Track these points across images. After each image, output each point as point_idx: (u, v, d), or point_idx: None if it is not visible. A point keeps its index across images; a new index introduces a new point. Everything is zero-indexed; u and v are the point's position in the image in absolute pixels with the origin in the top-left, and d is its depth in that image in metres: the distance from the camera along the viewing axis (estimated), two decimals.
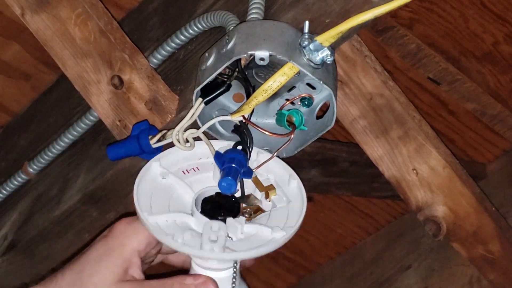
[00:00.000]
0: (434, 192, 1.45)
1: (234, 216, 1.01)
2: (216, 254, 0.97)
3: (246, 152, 1.03)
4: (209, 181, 1.05)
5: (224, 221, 1.00)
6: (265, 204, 1.03)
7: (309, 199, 1.04)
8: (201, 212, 1.01)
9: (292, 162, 1.08)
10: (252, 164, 1.05)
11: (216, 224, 0.99)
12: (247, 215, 1.01)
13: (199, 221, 1.00)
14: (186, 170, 1.07)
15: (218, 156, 1.02)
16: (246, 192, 1.04)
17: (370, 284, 1.95)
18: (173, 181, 1.05)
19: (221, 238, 0.97)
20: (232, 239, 1.00)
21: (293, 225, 1.00)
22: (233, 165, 1.00)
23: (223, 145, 1.06)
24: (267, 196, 1.03)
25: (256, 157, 1.07)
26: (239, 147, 1.04)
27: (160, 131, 1.12)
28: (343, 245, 2.05)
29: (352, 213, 1.97)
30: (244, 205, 1.03)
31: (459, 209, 1.47)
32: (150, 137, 1.12)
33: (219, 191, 1.02)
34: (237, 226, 0.99)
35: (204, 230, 0.98)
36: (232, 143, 1.06)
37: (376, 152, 1.42)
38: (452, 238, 1.49)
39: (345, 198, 1.94)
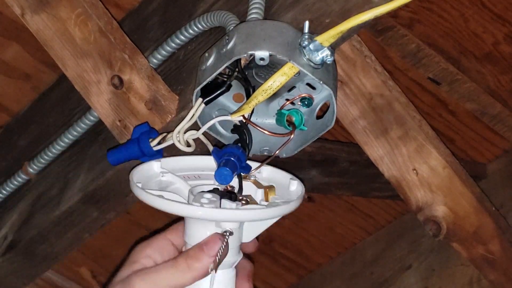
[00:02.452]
0: (434, 192, 1.45)
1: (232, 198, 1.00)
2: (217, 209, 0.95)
3: (245, 149, 1.03)
4: (210, 188, 1.05)
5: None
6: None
7: (309, 199, 1.04)
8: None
9: (292, 162, 1.08)
10: (253, 173, 1.05)
11: (209, 194, 0.97)
12: (243, 202, 1.00)
13: None
14: (187, 176, 1.06)
15: (216, 151, 1.02)
16: (245, 193, 1.03)
17: (370, 284, 1.95)
18: (171, 179, 1.04)
19: (215, 200, 0.95)
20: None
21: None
22: (232, 158, 0.99)
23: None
24: (266, 197, 1.03)
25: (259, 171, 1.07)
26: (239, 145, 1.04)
27: (161, 133, 1.12)
28: (343, 245, 2.05)
29: (352, 213, 1.97)
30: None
31: (459, 209, 1.47)
32: (150, 139, 1.11)
33: (217, 187, 1.01)
34: (232, 204, 0.98)
35: (196, 195, 0.96)
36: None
37: (376, 152, 1.42)
38: (452, 238, 1.49)
39: (345, 198, 1.94)
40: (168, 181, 1.04)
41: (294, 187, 1.05)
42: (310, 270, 2.11)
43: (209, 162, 1.06)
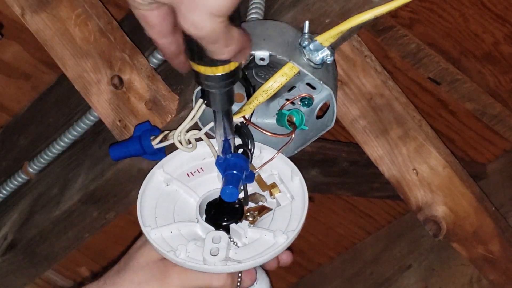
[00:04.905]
0: (434, 192, 1.45)
1: (238, 221, 1.01)
2: (218, 268, 0.97)
3: (247, 155, 1.03)
4: (214, 182, 1.05)
5: (228, 228, 1.00)
6: (269, 201, 1.04)
7: (309, 199, 1.04)
8: (205, 219, 1.01)
9: (292, 162, 1.08)
10: (255, 160, 1.05)
11: (217, 235, 0.99)
12: (250, 218, 1.02)
13: (204, 228, 1.01)
14: (191, 172, 1.07)
15: (219, 161, 1.02)
16: (251, 191, 1.04)
17: (370, 284, 1.95)
18: (177, 187, 1.05)
19: (222, 250, 0.97)
20: (236, 244, 1.00)
21: (294, 229, 1.01)
22: (235, 172, 0.99)
23: None
24: (271, 194, 1.04)
25: (260, 152, 1.07)
26: (241, 150, 1.04)
27: (162, 131, 1.12)
28: (343, 245, 2.05)
29: (352, 213, 1.97)
30: (249, 203, 1.03)
31: (459, 209, 1.47)
32: (152, 137, 1.11)
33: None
34: (240, 232, 1.00)
35: (205, 243, 0.98)
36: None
37: (376, 152, 1.42)
38: (452, 238, 1.49)
39: (345, 198, 1.94)
40: (174, 191, 1.05)
41: (297, 181, 1.05)
42: (310, 270, 2.11)
43: (206, 146, 1.06)
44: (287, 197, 1.04)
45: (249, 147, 1.03)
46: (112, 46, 1.24)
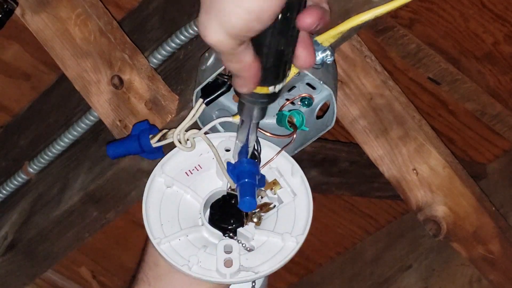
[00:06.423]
0: (434, 192, 1.45)
1: (243, 223, 1.01)
2: (233, 280, 0.97)
3: (255, 157, 1.02)
4: (214, 180, 1.05)
5: (235, 231, 1.00)
6: (271, 197, 1.04)
7: None
8: (210, 223, 1.01)
9: None
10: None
11: (228, 243, 0.99)
12: (255, 220, 1.01)
13: (210, 232, 1.01)
14: (189, 170, 1.06)
15: (230, 168, 1.01)
16: None
17: (370, 284, 1.95)
18: (178, 188, 1.05)
19: (235, 261, 0.97)
20: (245, 246, 1.00)
21: (302, 233, 1.01)
22: (249, 180, 0.99)
23: (223, 138, 1.06)
24: (273, 191, 1.04)
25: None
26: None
27: (161, 130, 1.11)
28: (343, 245, 2.05)
29: (352, 213, 1.97)
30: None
31: (459, 209, 1.47)
32: (150, 136, 1.11)
33: (225, 194, 1.02)
34: (248, 235, 1.00)
35: (217, 254, 0.98)
36: (232, 134, 1.05)
37: (376, 152, 1.42)
38: (452, 238, 1.49)
39: (345, 198, 1.94)
40: (175, 192, 1.05)
41: (298, 177, 1.05)
42: (310, 270, 2.11)
43: (204, 143, 1.06)
44: (288, 193, 1.03)
45: (256, 148, 1.03)
46: (112, 46, 1.24)
